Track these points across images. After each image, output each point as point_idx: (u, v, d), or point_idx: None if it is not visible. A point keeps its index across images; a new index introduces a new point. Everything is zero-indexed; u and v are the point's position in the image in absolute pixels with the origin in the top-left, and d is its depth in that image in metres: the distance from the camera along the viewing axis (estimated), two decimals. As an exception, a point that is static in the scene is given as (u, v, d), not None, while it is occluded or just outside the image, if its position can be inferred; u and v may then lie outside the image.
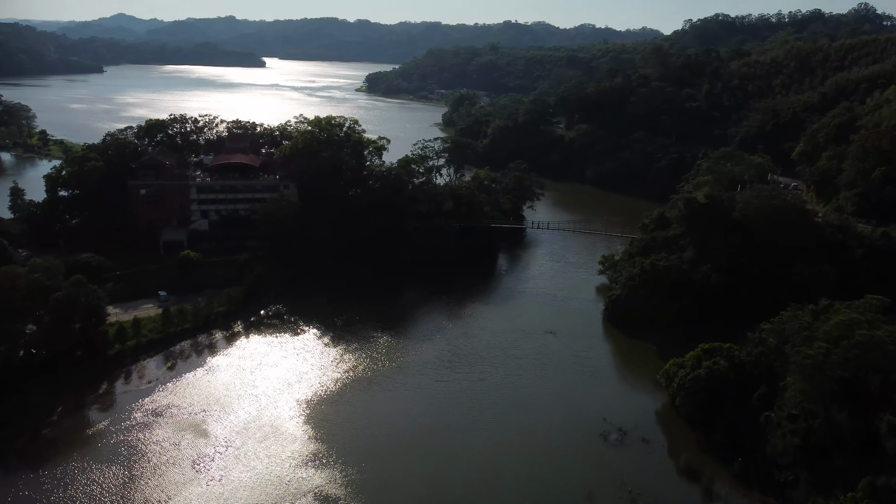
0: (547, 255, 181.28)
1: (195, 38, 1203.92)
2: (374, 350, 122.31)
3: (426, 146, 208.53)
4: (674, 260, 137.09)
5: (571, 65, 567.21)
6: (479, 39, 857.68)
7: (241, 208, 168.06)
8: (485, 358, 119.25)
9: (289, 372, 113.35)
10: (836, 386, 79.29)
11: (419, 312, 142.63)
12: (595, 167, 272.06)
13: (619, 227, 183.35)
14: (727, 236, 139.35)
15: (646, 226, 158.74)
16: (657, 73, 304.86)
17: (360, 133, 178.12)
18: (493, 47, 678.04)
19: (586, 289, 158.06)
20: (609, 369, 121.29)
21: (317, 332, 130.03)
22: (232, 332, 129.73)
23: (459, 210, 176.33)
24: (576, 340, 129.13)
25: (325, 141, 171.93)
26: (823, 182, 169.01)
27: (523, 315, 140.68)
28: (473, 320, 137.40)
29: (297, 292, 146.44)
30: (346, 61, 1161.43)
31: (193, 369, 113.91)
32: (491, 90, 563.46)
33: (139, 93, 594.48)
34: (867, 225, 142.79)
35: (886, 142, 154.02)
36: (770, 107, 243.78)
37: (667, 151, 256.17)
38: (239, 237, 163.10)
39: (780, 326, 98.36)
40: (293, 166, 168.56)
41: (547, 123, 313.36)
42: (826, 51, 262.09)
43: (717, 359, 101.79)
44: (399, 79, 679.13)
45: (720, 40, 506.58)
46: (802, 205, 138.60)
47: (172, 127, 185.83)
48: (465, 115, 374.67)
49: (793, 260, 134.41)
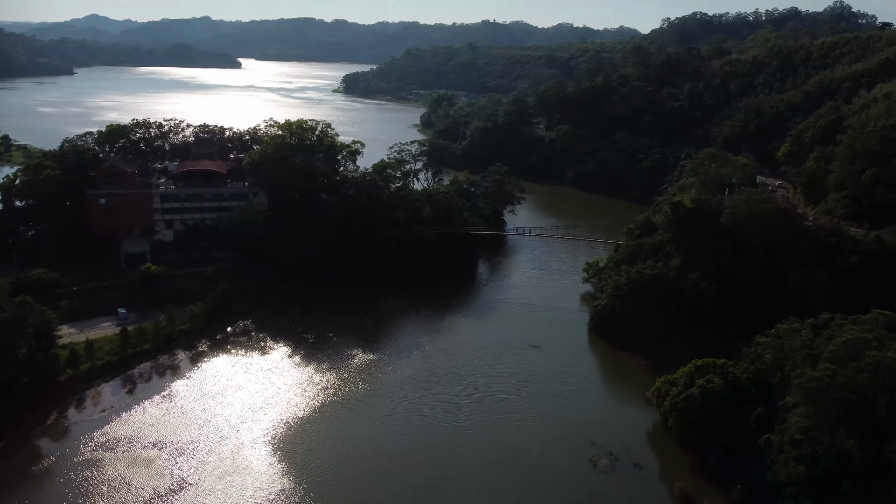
0: (529, 261, 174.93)
1: (170, 39, 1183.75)
2: (347, 369, 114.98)
3: (403, 150, 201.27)
4: (661, 268, 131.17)
5: (550, 64, 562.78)
6: (458, 39, 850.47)
7: (208, 217, 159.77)
8: (465, 377, 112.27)
9: (254, 396, 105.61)
10: (843, 410, 73.49)
11: (396, 326, 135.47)
12: (576, 168, 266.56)
13: (603, 232, 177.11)
14: (716, 242, 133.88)
15: (631, 231, 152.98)
16: (638, 73, 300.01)
17: (333, 137, 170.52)
18: (471, 47, 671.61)
19: (570, 298, 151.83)
20: (597, 386, 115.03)
21: (287, 351, 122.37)
22: (195, 352, 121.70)
23: (438, 216, 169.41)
24: (561, 355, 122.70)
25: (296, 146, 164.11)
26: (811, 184, 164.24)
27: (505, 327, 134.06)
28: (453, 334, 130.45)
29: (268, 306, 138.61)
30: (323, 62, 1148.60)
31: (152, 395, 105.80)
32: (470, 90, 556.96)
33: (111, 95, 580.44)
34: (859, 228, 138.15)
35: (876, 142, 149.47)
36: (753, 106, 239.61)
37: (649, 152, 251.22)
38: (206, 248, 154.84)
39: (778, 341, 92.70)
40: (262, 173, 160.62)
41: (527, 124, 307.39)
42: (808, 49, 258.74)
43: (711, 376, 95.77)
44: (377, 79, 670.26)
45: (698, 39, 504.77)
46: (794, 208, 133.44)
47: (135, 132, 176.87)
48: (443, 116, 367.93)
49: (785, 266, 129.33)
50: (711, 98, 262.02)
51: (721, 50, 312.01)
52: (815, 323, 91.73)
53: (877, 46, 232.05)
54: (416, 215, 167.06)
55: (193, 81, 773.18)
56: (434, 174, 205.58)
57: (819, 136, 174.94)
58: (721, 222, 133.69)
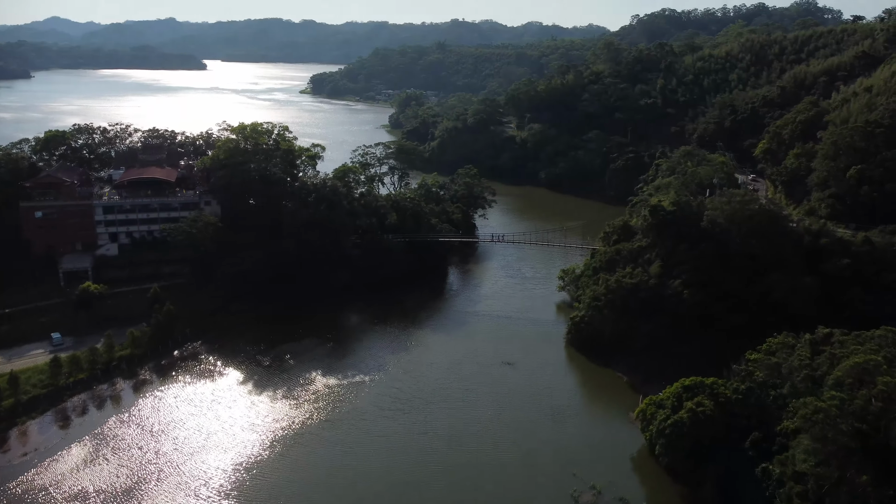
0: (501, 268, 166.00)
1: (133, 41, 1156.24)
2: (303, 397, 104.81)
3: (367, 152, 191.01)
4: (641, 276, 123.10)
5: (520, 62, 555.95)
6: (427, 38, 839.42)
7: (156, 229, 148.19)
8: (432, 402, 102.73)
9: (198, 433, 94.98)
10: (853, 441, 65.56)
11: (358, 345, 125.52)
12: (548, 168, 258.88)
13: (578, 235, 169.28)
14: (697, 247, 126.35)
15: (608, 236, 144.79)
16: (609, 69, 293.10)
17: (290, 141, 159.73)
18: (440, 45, 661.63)
19: (545, 308, 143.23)
20: (576, 408, 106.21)
21: (238, 377, 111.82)
22: (137, 380, 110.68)
23: (404, 223, 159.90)
24: (537, 373, 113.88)
25: (250, 151, 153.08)
26: (793, 182, 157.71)
27: (477, 343, 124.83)
28: (420, 352, 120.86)
29: (220, 326, 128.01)
30: (291, 62, 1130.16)
31: (84, 434, 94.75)
32: (439, 89, 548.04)
33: (71, 99, 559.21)
34: (846, 229, 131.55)
35: (859, 138, 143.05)
36: (727, 102, 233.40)
37: (623, 151, 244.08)
38: (155, 263, 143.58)
39: (771, 360, 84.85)
40: (214, 180, 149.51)
41: (497, 124, 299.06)
42: (781, 43, 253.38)
43: (701, 398, 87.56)
44: (344, 79, 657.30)
45: (667, 35, 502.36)
46: (779, 210, 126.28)
47: (76, 138, 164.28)
48: (411, 116, 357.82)
49: (770, 271, 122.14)
50: (685, 94, 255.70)
51: (693, 45, 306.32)
52: (812, 339, 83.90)
53: (851, 40, 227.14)
54: (381, 223, 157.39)
55: (156, 84, 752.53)
56: (401, 178, 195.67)
57: (798, 133, 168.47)
58: (702, 226, 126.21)
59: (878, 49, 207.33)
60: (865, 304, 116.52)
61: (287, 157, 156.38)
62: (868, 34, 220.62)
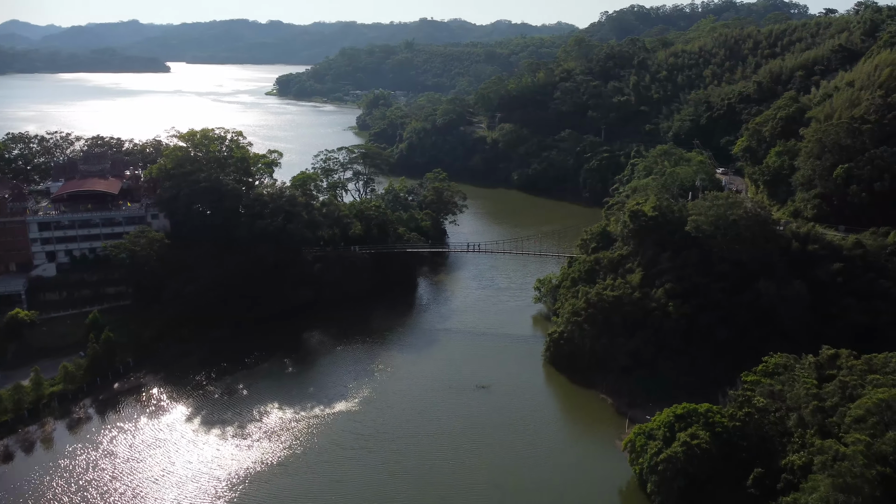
0: (473, 279, 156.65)
1: (95, 44, 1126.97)
2: (256, 434, 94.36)
3: (329, 157, 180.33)
4: (623, 287, 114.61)
5: (490, 60, 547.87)
6: (396, 37, 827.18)
7: (98, 246, 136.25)
8: (400, 437, 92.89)
9: (133, 482, 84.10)
10: (879, 489, 57.37)
11: (319, 370, 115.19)
12: (521, 170, 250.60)
13: (554, 241, 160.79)
14: (680, 254, 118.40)
15: (585, 243, 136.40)
16: (581, 67, 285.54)
17: (245, 147, 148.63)
18: (408, 45, 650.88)
19: (521, 321, 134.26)
20: (558, 437, 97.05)
21: (186, 411, 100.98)
22: (71, 418, 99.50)
23: (369, 233, 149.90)
24: (514, 396, 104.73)
25: (200, 159, 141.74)
26: (775, 181, 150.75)
27: (449, 364, 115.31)
28: (387, 378, 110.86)
29: (167, 352, 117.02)
30: (258, 64, 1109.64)
31: (3, 488, 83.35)
32: (408, 89, 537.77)
33: (27, 104, 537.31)
34: (836, 232, 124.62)
35: (844, 135, 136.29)
36: (702, 98, 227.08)
37: (596, 150, 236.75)
38: (97, 283, 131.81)
39: (771, 387, 76.70)
40: (160, 192, 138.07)
41: (467, 124, 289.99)
42: (756, 37, 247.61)
43: (696, 428, 79.16)
44: (311, 80, 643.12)
45: (637, 31, 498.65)
46: (766, 213, 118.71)
47: (10, 148, 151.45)
48: (379, 117, 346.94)
49: (757, 277, 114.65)
50: (658, 91, 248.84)
51: (665, 41, 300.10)
52: (817, 361, 75.67)
53: (826, 33, 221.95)
54: (345, 234, 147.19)
55: (117, 88, 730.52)
56: (366, 184, 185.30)
57: (779, 130, 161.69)
58: (686, 231, 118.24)
59: (854, 42, 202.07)
60: (859, 312, 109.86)
61: (241, 166, 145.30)
62: (844, 27, 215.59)
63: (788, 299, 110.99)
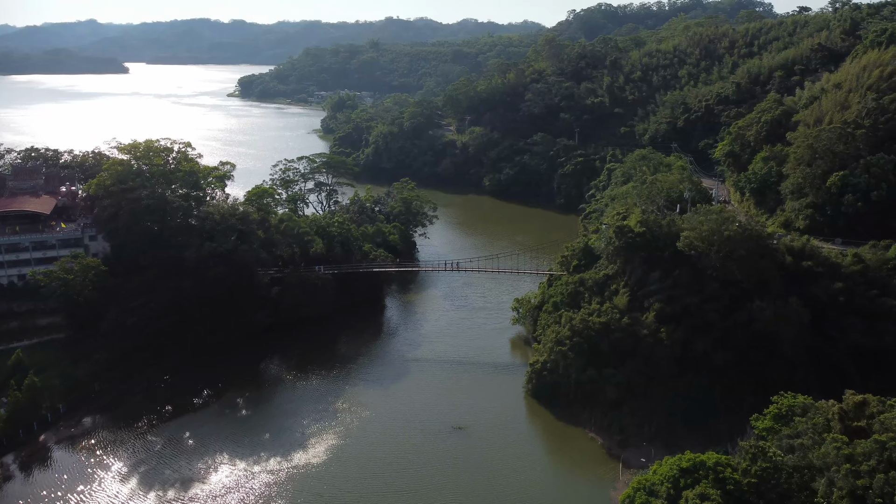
0: (445, 297, 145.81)
1: (51, 44, 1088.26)
2: (200, 497, 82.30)
3: (289, 167, 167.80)
4: (610, 312, 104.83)
5: (457, 60, 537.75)
6: (361, 37, 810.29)
7: (27, 273, 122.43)
8: (366, 495, 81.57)
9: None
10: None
11: (275, 410, 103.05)
12: (492, 175, 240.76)
13: (529, 251, 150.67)
14: (671, 274, 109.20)
15: (567, 261, 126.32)
16: (552, 67, 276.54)
17: (194, 160, 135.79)
18: (374, 44, 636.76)
19: (499, 346, 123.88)
20: (545, 484, 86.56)
21: (121, 469, 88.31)
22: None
23: (332, 251, 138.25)
24: (494, 439, 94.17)
25: (144, 173, 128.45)
26: (763, 189, 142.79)
27: (420, 401, 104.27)
28: (351, 420, 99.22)
29: (105, 395, 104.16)
30: (220, 64, 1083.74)
31: None
32: (374, 90, 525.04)
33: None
34: (832, 245, 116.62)
35: (837, 140, 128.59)
36: (679, 100, 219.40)
37: (570, 154, 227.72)
38: (27, 314, 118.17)
39: (790, 439, 67.40)
40: (98, 211, 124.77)
41: (436, 127, 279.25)
42: (731, 36, 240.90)
43: (704, 486, 69.34)
44: (275, 81, 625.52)
45: (605, 30, 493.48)
46: (761, 229, 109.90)
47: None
48: (344, 121, 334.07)
49: (751, 296, 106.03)
50: (633, 92, 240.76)
51: (638, 40, 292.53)
52: (843, 412, 66.44)
53: (804, 32, 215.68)
54: (305, 252, 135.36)
55: (71, 90, 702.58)
56: (329, 195, 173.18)
57: (764, 134, 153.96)
58: (677, 248, 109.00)
59: (834, 41, 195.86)
60: (863, 335, 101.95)
61: (190, 180, 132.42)
62: (822, 25, 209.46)
63: (786, 319, 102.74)
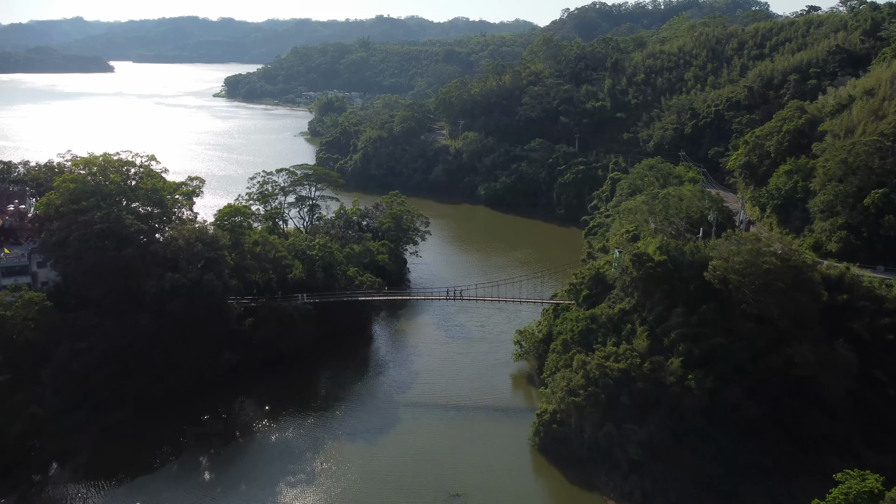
0: (438, 326, 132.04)
1: (36, 42, 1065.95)
2: None
3: (267, 180, 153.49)
4: (631, 357, 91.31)
5: (449, 60, 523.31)
6: (351, 35, 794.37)
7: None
8: None
9: None
10: None
11: (242, 473, 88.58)
12: (487, 183, 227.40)
13: (532, 275, 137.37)
14: (696, 310, 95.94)
15: (576, 289, 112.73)
16: (550, 69, 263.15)
17: (158, 175, 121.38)
18: (363, 43, 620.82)
19: (500, 386, 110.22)
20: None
21: (53, 554, 74.42)
22: None
23: (313, 276, 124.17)
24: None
25: (101, 191, 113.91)
26: (787, 206, 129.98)
27: (411, 458, 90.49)
28: (331, 483, 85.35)
29: (46, 451, 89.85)
30: (208, 63, 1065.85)
31: None
32: (364, 90, 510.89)
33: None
34: (873, 273, 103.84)
35: (874, 154, 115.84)
36: (686, 104, 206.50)
37: (571, 162, 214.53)
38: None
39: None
40: (46, 235, 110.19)
41: (427, 131, 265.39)
42: (740, 37, 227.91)
43: None
44: (262, 81, 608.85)
45: (601, 29, 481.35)
46: (801, 260, 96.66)
47: None
48: (331, 124, 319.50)
49: (786, 335, 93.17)
50: (636, 96, 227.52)
51: (640, 40, 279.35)
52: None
53: (818, 33, 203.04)
54: (283, 279, 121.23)
55: (53, 90, 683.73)
56: (311, 210, 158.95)
57: (786, 145, 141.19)
58: (705, 279, 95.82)
59: (854, 43, 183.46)
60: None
61: (153, 198, 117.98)
62: (839, 26, 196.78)
63: (831, 365, 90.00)
